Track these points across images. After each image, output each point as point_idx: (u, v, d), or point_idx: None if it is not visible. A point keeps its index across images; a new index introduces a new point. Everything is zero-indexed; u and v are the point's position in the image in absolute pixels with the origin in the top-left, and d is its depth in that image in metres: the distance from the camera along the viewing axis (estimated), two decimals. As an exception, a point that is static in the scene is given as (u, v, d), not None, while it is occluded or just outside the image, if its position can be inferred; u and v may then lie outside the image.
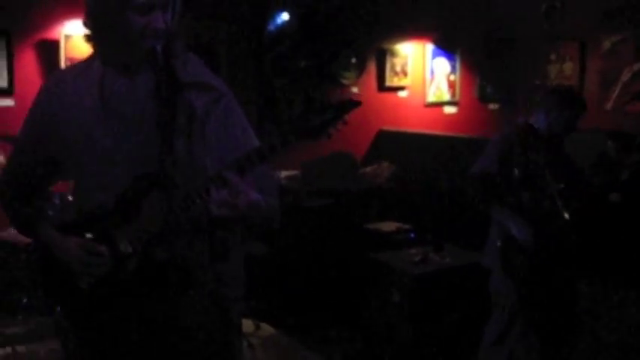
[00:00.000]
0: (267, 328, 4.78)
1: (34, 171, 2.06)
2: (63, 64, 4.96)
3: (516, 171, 3.31)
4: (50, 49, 4.99)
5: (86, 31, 1.94)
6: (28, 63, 4.99)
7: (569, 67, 6.60)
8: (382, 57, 6.53)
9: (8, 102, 4.93)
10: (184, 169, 1.80)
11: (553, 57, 6.73)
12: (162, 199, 1.77)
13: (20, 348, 4.19)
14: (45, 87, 2.07)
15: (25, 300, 4.28)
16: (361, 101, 1.80)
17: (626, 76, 6.07)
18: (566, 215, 3.27)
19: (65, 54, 4.97)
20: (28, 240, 4.20)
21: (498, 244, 3.36)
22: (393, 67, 6.58)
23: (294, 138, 1.76)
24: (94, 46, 1.97)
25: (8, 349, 4.13)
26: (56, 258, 1.99)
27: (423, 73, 6.80)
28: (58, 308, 2.13)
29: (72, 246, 1.94)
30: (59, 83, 2.02)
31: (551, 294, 3.37)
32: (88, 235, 1.95)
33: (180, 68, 1.90)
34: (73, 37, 4.93)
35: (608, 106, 6.16)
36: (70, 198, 2.09)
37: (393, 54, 6.57)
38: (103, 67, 1.96)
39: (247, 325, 4.62)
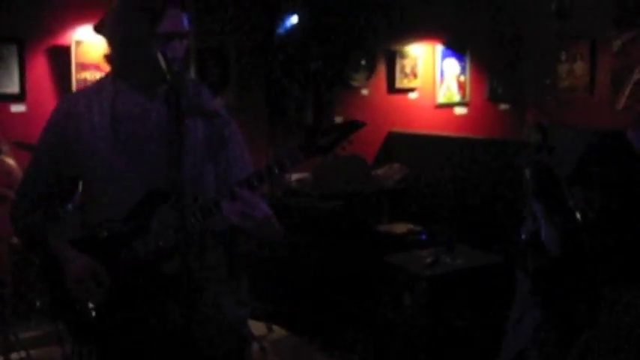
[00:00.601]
0: (279, 331, 4.78)
1: (49, 186, 2.10)
2: (74, 70, 5.00)
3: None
4: (61, 55, 5.02)
5: (105, 53, 2.03)
6: (40, 69, 5.03)
7: (579, 66, 6.57)
8: (392, 59, 6.53)
9: (20, 108, 4.97)
10: (192, 187, 1.85)
11: (563, 56, 6.70)
12: (172, 214, 1.80)
13: (34, 352, 4.21)
14: (59, 107, 2.12)
15: (38, 304, 4.30)
16: (366, 123, 1.94)
17: (637, 75, 6.03)
18: (578, 215, 3.25)
19: (76, 59, 5.00)
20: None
21: (523, 236, 3.34)
22: (402, 68, 6.58)
23: (302, 157, 1.86)
24: (114, 66, 2.04)
25: (22, 353, 4.15)
26: (63, 274, 2.01)
27: (433, 75, 6.80)
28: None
29: (76, 264, 1.97)
30: (73, 103, 2.08)
31: (568, 291, 3.35)
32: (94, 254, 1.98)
33: (192, 93, 1.99)
34: (84, 42, 4.95)
35: (619, 105, 6.13)
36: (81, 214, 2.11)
37: (403, 55, 6.57)
38: (116, 87, 2.02)
39: (259, 327, 4.63)
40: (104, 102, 2.00)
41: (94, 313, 1.98)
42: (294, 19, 5.75)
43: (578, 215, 3.24)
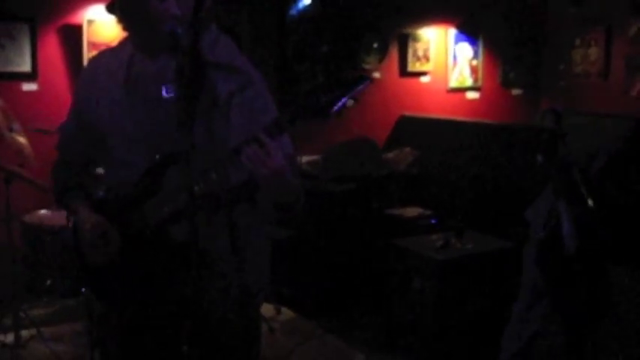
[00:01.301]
0: (288, 313, 4.80)
1: (80, 149, 2.16)
2: (85, 49, 5.00)
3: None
4: (73, 34, 5.02)
5: (117, 15, 2.01)
6: (52, 48, 5.03)
7: (594, 52, 6.52)
8: (404, 42, 6.49)
9: (32, 86, 4.98)
10: (203, 150, 1.81)
11: (578, 42, 6.65)
12: (181, 175, 1.78)
13: (45, 329, 4.25)
14: (84, 69, 2.20)
15: (49, 282, 4.33)
16: (371, 78, 1.80)
17: (652, 61, 5.99)
18: (590, 202, 3.23)
19: (88, 38, 5.00)
20: (52, 223, 4.28)
21: (541, 234, 3.33)
22: (415, 52, 6.53)
23: (303, 113, 1.77)
24: (124, 29, 2.03)
25: (33, 331, 4.19)
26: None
27: (445, 59, 6.75)
28: (84, 289, 2.17)
29: (87, 226, 2.00)
30: (94, 65, 2.13)
31: (577, 281, 3.35)
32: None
33: (208, 49, 1.92)
34: (96, 21, 4.95)
35: (634, 91, 6.08)
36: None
37: (416, 39, 6.52)
38: (133, 49, 2.02)
39: (268, 309, 4.65)
40: (121, 64, 2.02)
41: (107, 273, 2.00)
42: (306, 1, 5.72)
43: (590, 202, 3.23)
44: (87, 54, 5.00)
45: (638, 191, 3.93)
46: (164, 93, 1.94)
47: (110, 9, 2.05)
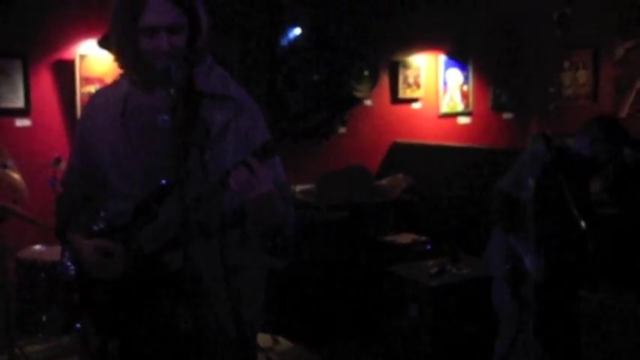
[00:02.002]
0: (285, 343, 4.77)
1: (82, 185, 2.18)
2: (78, 84, 5.01)
3: (553, 194, 3.27)
4: (66, 69, 5.04)
5: (112, 53, 2.04)
6: (44, 83, 5.05)
7: (582, 74, 6.58)
8: (395, 69, 6.54)
9: (25, 122, 4.98)
10: (198, 179, 1.82)
11: (566, 65, 6.72)
12: (175, 206, 1.79)
13: (40, 366, 4.21)
14: (85, 107, 2.23)
15: (44, 318, 4.30)
16: (360, 98, 1.84)
17: (639, 83, 6.04)
18: (583, 225, 3.25)
19: (80, 73, 5.01)
20: (46, 258, 4.27)
21: (507, 267, 3.33)
22: (405, 78, 6.58)
23: (291, 134, 1.80)
24: (118, 64, 2.06)
25: (28, 368, 4.15)
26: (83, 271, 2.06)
27: (436, 84, 6.81)
28: (78, 325, 2.17)
29: (88, 248, 2.02)
30: (94, 100, 2.16)
31: (559, 304, 3.35)
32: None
33: (203, 81, 1.95)
34: (88, 56, 4.97)
35: (623, 113, 6.13)
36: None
37: (406, 66, 6.58)
38: (129, 85, 2.05)
39: (265, 339, 4.62)
40: (118, 98, 2.04)
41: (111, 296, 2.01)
42: (297, 31, 5.77)
43: (582, 224, 3.24)
44: (80, 89, 5.02)
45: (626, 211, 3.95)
46: (160, 123, 1.95)
47: (102, 44, 2.08)
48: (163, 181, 1.93)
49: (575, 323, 3.51)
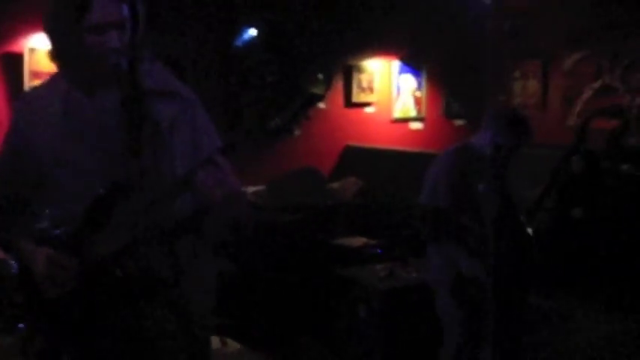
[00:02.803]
0: (233, 345, 4.74)
1: (16, 187, 2.09)
2: (27, 78, 4.91)
3: (481, 187, 3.30)
4: (14, 63, 4.93)
5: (49, 49, 1.98)
6: (-8, 76, 4.93)
7: (532, 84, 6.71)
8: (349, 73, 6.57)
9: (-30, 116, 4.86)
10: (150, 179, 1.80)
11: (517, 74, 6.84)
12: (130, 208, 1.76)
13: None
14: (15, 108, 2.15)
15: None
16: (323, 94, 1.84)
17: (587, 94, 6.19)
18: (530, 231, 3.30)
19: (29, 67, 4.91)
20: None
21: (447, 278, 3.36)
22: (359, 83, 6.62)
23: (256, 132, 1.79)
24: (58, 65, 2.00)
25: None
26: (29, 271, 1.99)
27: (389, 90, 6.85)
28: (21, 325, 2.12)
29: (39, 257, 1.95)
30: (27, 103, 2.09)
31: (505, 310, 3.39)
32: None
33: (145, 77, 1.92)
34: (38, 50, 4.87)
35: (570, 122, 6.27)
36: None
37: (360, 70, 6.61)
38: (69, 85, 1.99)
39: (214, 341, 4.57)
40: (57, 99, 1.98)
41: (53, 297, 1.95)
42: (252, 32, 5.76)
43: (529, 230, 3.30)
44: (28, 83, 4.91)
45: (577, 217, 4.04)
46: (104, 124, 1.92)
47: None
48: (106, 186, 1.88)
49: (523, 330, 3.56)
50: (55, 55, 1.97)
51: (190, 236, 1.96)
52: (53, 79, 2.05)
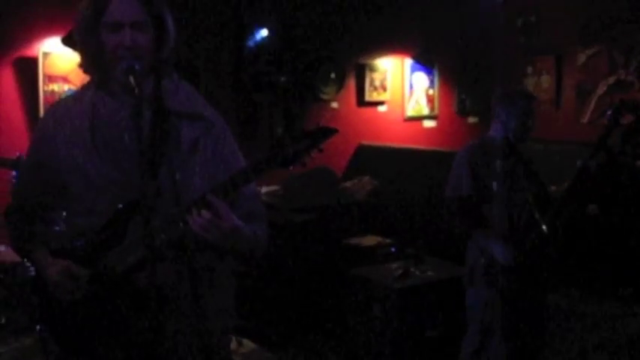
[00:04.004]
0: (249, 345, 4.75)
1: (37, 195, 2.10)
2: (41, 82, 4.94)
3: (495, 185, 3.32)
4: (28, 67, 4.97)
5: (80, 57, 2.00)
6: (6, 81, 4.96)
7: (545, 80, 6.67)
8: (361, 72, 6.56)
9: (-13, 120, 4.90)
10: (168, 198, 1.80)
11: (530, 70, 6.81)
12: (145, 225, 1.76)
13: (-1, 368, 4.14)
14: (46, 113, 2.14)
15: (3, 320, 4.23)
16: (337, 129, 1.83)
17: (601, 89, 6.14)
18: (544, 227, 3.29)
19: (43, 71, 4.94)
20: (6, 259, 4.19)
21: (482, 261, 3.36)
22: (372, 82, 6.62)
23: (265, 167, 1.80)
24: (85, 71, 2.02)
25: (-14, 370, 4.08)
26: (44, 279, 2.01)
27: (401, 88, 6.85)
28: (38, 327, 2.13)
29: (53, 269, 1.96)
30: (58, 109, 2.09)
31: (525, 308, 3.39)
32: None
33: (171, 97, 1.92)
34: (52, 54, 4.90)
35: (585, 119, 6.23)
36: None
37: (372, 69, 6.61)
38: (96, 92, 2.00)
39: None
40: (84, 109, 1.98)
41: (75, 317, 1.96)
42: (264, 33, 5.77)
43: (544, 228, 3.29)
44: (42, 87, 4.94)
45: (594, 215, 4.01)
46: (127, 139, 1.92)
47: (66, 42, 2.04)
48: (124, 203, 1.89)
49: (542, 327, 3.56)
50: (82, 56, 1.98)
51: (208, 253, 1.96)
52: (85, 88, 2.06)
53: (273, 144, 1.79)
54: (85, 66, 2.00)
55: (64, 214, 2.07)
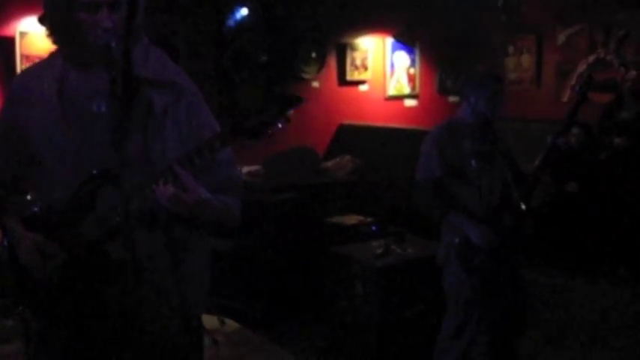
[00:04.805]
0: (231, 324, 4.78)
1: (7, 164, 2.08)
2: (18, 61, 4.89)
3: (467, 165, 3.35)
4: (5, 46, 4.91)
5: (46, 26, 1.97)
6: (-17, 60, 4.91)
7: (526, 59, 6.68)
8: (342, 51, 6.56)
9: (-37, 100, 4.84)
10: (139, 166, 1.79)
11: (511, 49, 6.82)
12: (114, 195, 1.76)
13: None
14: (12, 85, 2.12)
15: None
16: (304, 98, 1.82)
17: (581, 68, 6.17)
18: (523, 206, 3.32)
19: (21, 51, 4.90)
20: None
21: (456, 240, 3.38)
22: (353, 61, 6.61)
23: (234, 135, 1.80)
24: (53, 42, 1.99)
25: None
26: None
27: (383, 67, 6.84)
28: (20, 308, 2.12)
29: (26, 243, 1.96)
30: (24, 80, 2.07)
31: (502, 284, 3.43)
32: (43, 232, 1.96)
33: (141, 64, 1.91)
34: (29, 33, 4.85)
35: (565, 97, 6.26)
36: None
37: (353, 48, 6.60)
38: (64, 63, 1.98)
39: (212, 321, 4.62)
40: (53, 78, 1.97)
41: (47, 290, 1.96)
42: (244, 12, 5.74)
43: (522, 206, 3.31)
44: (20, 66, 4.90)
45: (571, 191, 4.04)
46: (96, 108, 1.91)
47: (42, 21, 2.01)
48: (94, 171, 1.88)
49: (521, 305, 3.60)
50: (51, 31, 1.96)
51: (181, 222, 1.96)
52: (51, 58, 2.04)
53: (237, 114, 1.78)
54: (54, 41, 1.98)
55: (35, 182, 2.05)
